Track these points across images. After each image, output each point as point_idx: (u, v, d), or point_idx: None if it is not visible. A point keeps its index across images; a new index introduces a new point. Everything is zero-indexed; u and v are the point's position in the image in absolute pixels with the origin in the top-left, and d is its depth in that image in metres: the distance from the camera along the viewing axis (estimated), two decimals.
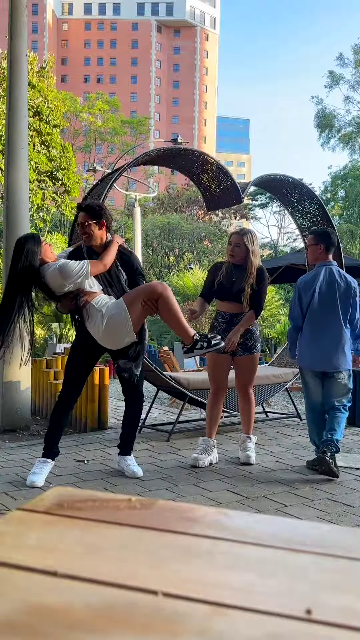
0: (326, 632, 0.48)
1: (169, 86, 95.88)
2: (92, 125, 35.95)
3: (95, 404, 6.06)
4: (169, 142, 21.12)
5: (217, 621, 0.48)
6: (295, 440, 5.66)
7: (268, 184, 7.35)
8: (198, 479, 4.31)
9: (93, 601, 0.51)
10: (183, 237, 29.73)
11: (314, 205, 7.17)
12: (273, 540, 0.64)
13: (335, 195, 32.94)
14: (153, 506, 0.70)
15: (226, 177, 6.50)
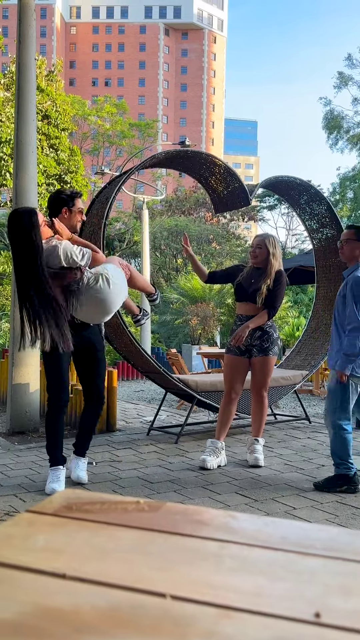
0: (335, 635, 0.48)
1: (176, 89, 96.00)
2: (100, 129, 36.06)
3: (104, 406, 6.06)
4: (176, 145, 21.13)
5: (225, 624, 0.48)
6: (304, 442, 5.64)
7: (276, 186, 7.34)
8: (206, 481, 4.30)
9: (101, 604, 0.51)
10: (191, 240, 29.71)
11: (322, 207, 7.15)
12: (282, 543, 0.64)
13: (344, 197, 32.83)
14: (161, 509, 0.70)
15: (234, 180, 6.50)
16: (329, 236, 7.22)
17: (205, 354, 10.30)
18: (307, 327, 7.49)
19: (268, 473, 4.56)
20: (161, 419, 6.59)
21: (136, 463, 4.82)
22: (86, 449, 4.35)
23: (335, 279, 7.19)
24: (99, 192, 6.29)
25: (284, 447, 5.41)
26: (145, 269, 17.18)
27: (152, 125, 40.55)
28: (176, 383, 5.77)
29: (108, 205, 5.64)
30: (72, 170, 16.17)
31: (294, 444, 5.56)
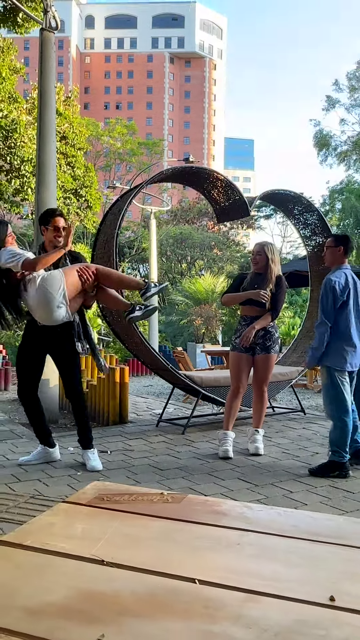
0: (349, 618, 0.48)
1: (180, 111, 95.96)
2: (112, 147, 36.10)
3: (117, 400, 6.07)
4: (181, 161, 21.13)
5: (250, 608, 0.49)
6: (300, 432, 5.63)
7: (273, 198, 7.33)
8: (211, 468, 4.30)
9: (139, 588, 0.52)
10: (194, 246, 29.70)
11: (314, 217, 7.14)
12: (294, 531, 0.65)
13: (333, 208, 32.72)
14: (183, 500, 0.71)
15: (235, 192, 6.49)
16: (321, 243, 7.20)
17: (208, 351, 10.29)
18: (302, 326, 7.47)
19: (267, 460, 4.55)
20: (169, 412, 6.59)
21: (147, 452, 4.81)
22: (88, 440, 4.34)
23: None
24: (112, 204, 6.29)
25: (282, 437, 5.40)
26: (152, 273, 17.19)
27: (159, 144, 40.58)
28: (183, 379, 5.77)
29: (120, 216, 5.65)
30: (87, 185, 16.20)
31: (291, 434, 5.55)
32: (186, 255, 30.04)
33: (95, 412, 6.23)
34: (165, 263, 29.61)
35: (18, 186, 13.52)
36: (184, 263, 30.09)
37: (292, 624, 0.50)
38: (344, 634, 0.46)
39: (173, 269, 30.04)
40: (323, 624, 0.50)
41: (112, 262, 5.53)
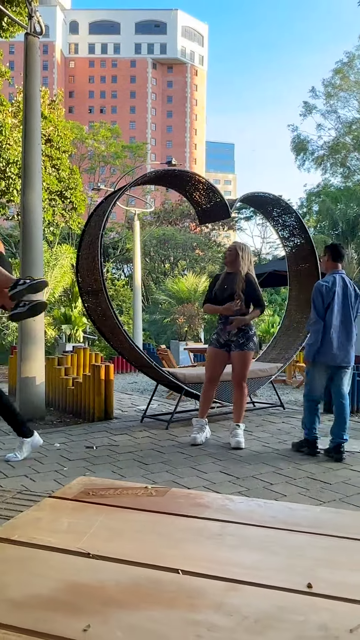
0: (326, 604, 0.49)
1: (163, 115, 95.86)
2: (96, 150, 35.91)
3: (102, 397, 6.05)
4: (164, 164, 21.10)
5: (232, 596, 0.49)
6: (279, 426, 5.67)
7: (253, 200, 7.36)
8: (194, 462, 4.31)
9: (124, 580, 0.52)
10: (177, 247, 29.71)
11: (292, 219, 7.19)
12: (273, 522, 0.65)
13: (310, 210, 33.00)
14: (167, 493, 0.71)
15: (216, 195, 6.51)
16: (299, 244, 7.26)
17: (191, 349, 10.31)
18: (281, 324, 7.52)
19: (248, 453, 4.57)
20: (153, 408, 6.59)
21: (131, 447, 4.81)
22: (20, 432, 4.28)
23: (305, 282, 7.24)
24: (97, 206, 6.26)
25: (262, 431, 5.44)
26: (136, 273, 17.14)
27: (142, 147, 40.46)
28: (166, 376, 5.77)
29: (105, 218, 5.62)
30: (72, 187, 16.10)
31: (270, 428, 5.58)
32: (169, 255, 30.03)
33: (81, 408, 6.20)
34: (148, 263, 29.57)
35: (4, 188, 13.39)
36: (167, 263, 30.07)
37: (271, 610, 0.50)
38: (321, 620, 0.47)
39: (156, 269, 30.01)
40: (301, 610, 0.51)
41: (97, 263, 5.50)
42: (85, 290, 5.89)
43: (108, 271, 25.70)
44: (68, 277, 15.80)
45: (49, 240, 19.96)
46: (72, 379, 6.52)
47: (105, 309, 5.62)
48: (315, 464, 4.26)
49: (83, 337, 15.22)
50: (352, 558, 0.56)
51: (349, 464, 4.25)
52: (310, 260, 7.17)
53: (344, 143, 32.99)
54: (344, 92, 32.49)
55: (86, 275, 5.82)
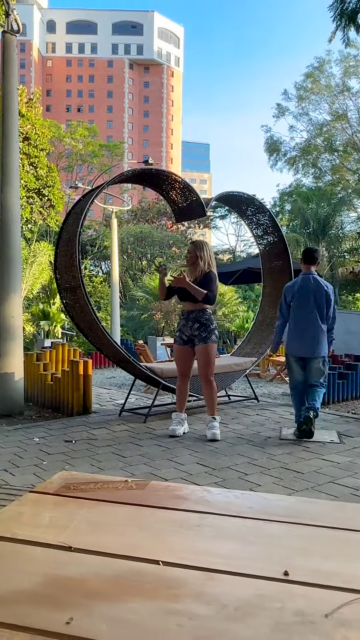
0: (302, 591, 0.50)
1: (140, 115, 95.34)
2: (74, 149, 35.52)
3: (81, 392, 6.01)
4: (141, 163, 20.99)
5: (211, 585, 0.49)
6: (254, 418, 5.72)
7: (227, 200, 7.38)
8: (171, 454, 4.32)
9: (106, 572, 0.51)
10: (154, 244, 29.63)
11: (265, 218, 7.23)
12: (250, 512, 0.66)
13: (282, 209, 33.27)
14: (147, 486, 0.70)
15: (192, 194, 6.50)
16: (272, 242, 7.32)
17: (168, 344, 10.30)
18: (255, 320, 7.57)
19: (223, 445, 4.60)
20: (131, 402, 6.57)
21: (110, 440, 4.79)
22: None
23: (278, 279, 7.30)
24: (75, 204, 6.20)
25: (237, 423, 5.47)
26: (114, 270, 17.04)
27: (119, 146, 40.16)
28: (144, 370, 5.76)
29: (82, 215, 5.57)
30: (50, 185, 15.90)
31: (245, 420, 5.63)
32: (146, 253, 29.94)
33: (59, 403, 6.15)
34: (126, 260, 29.43)
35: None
36: (144, 260, 29.98)
37: (250, 598, 0.51)
38: (297, 606, 0.47)
39: (134, 266, 29.89)
40: (278, 597, 0.52)
41: (75, 260, 5.45)
42: (64, 287, 5.84)
43: (86, 268, 25.50)
44: (46, 274, 15.62)
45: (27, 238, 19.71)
46: (51, 374, 6.46)
47: (84, 306, 5.57)
48: (288, 454, 4.31)
49: (61, 333, 15.08)
50: (326, 546, 0.57)
51: (320, 454, 4.31)
52: (283, 257, 7.23)
53: (315, 145, 33.34)
54: (315, 96, 32.81)
55: (64, 272, 5.77)
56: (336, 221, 29.96)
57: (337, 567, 0.52)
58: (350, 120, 32.00)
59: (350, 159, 32.71)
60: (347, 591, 0.49)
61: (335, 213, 29.47)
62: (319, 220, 28.66)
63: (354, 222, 31.66)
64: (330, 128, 32.75)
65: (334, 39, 8.38)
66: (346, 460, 4.11)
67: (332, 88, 32.19)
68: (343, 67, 31.65)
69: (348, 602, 0.48)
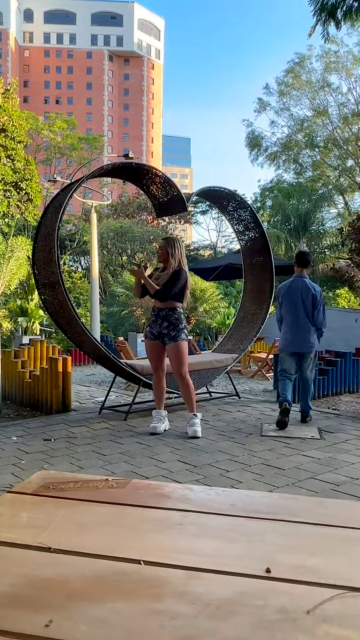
0: (285, 587, 0.50)
1: (120, 108, 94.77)
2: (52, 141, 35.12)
3: (60, 389, 5.97)
4: (121, 157, 20.86)
5: (193, 584, 0.49)
6: (235, 415, 5.75)
7: (209, 195, 7.39)
8: (152, 451, 4.32)
9: (87, 572, 0.51)
10: (134, 240, 29.52)
11: (247, 213, 7.26)
12: (232, 509, 0.66)
13: (264, 205, 33.41)
14: (128, 485, 0.70)
15: (173, 189, 6.49)
16: (253, 238, 7.35)
17: None
18: (237, 316, 7.61)
19: (205, 442, 4.62)
20: (111, 399, 6.56)
21: (90, 438, 4.78)
22: None
23: (259, 275, 7.34)
24: (53, 198, 6.14)
25: (218, 420, 5.50)
26: (94, 266, 16.93)
27: (99, 140, 39.84)
28: (124, 367, 5.75)
29: (61, 210, 5.52)
30: (27, 178, 15.71)
31: (226, 417, 5.66)
32: (126, 248, 29.82)
33: (38, 401, 6.10)
34: (106, 256, 29.28)
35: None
36: (125, 256, 29.86)
37: (232, 596, 0.51)
38: (280, 603, 0.48)
39: (114, 262, 29.76)
40: (261, 595, 0.52)
41: (54, 255, 5.40)
42: (42, 282, 5.78)
43: (65, 263, 25.28)
44: (24, 269, 15.45)
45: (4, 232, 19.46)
46: (29, 371, 6.40)
47: (62, 302, 5.53)
48: (269, 451, 4.35)
49: (40, 330, 14.94)
50: (308, 542, 0.57)
51: (300, 450, 4.35)
52: (264, 253, 7.27)
53: (296, 140, 33.53)
54: (296, 91, 32.98)
55: (43, 268, 5.71)
56: (317, 217, 30.21)
57: (319, 563, 0.52)
58: (331, 116, 32.27)
59: (330, 155, 33.00)
60: (329, 587, 0.50)
61: (316, 209, 29.71)
62: (299, 216, 28.87)
63: (334, 219, 31.98)
64: (311, 124, 32.98)
65: (314, 34, 8.42)
66: (326, 456, 4.16)
67: (312, 84, 32.41)
68: (324, 63, 31.88)
69: (329, 598, 0.49)
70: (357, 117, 31.27)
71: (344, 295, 23.50)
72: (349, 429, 5.09)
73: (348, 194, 33.16)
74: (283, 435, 4.82)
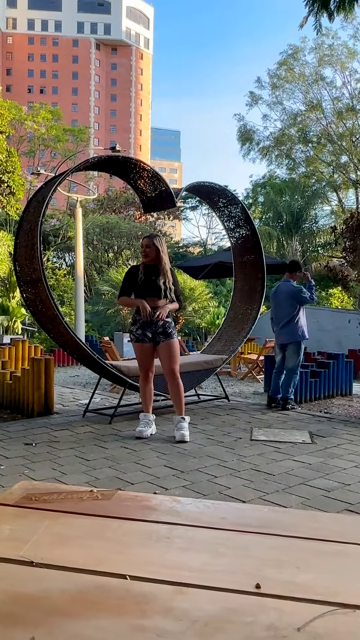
0: (274, 604, 0.50)
1: (107, 99, 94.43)
2: (36, 132, 34.91)
3: (42, 391, 5.94)
4: (107, 150, 20.80)
5: (180, 600, 0.50)
6: (224, 419, 5.77)
7: (198, 190, 7.40)
8: (138, 456, 4.32)
9: (69, 587, 0.51)
10: (121, 236, 29.46)
11: (238, 210, 7.28)
12: (221, 523, 0.66)
13: (255, 201, 33.54)
14: (113, 496, 0.70)
15: (161, 184, 6.49)
16: (244, 235, 7.38)
17: None
18: (226, 316, 7.63)
19: (192, 447, 4.63)
20: (96, 402, 6.54)
21: (73, 443, 4.76)
22: None
23: (250, 274, 7.36)
24: (36, 191, 6.11)
25: (207, 424, 5.51)
26: (78, 263, 16.87)
27: (85, 131, 39.64)
28: (109, 369, 5.73)
29: (45, 204, 5.49)
30: (10, 170, 15.61)
31: (215, 420, 5.67)
32: (113, 244, 29.75)
33: (19, 403, 6.07)
34: (91, 252, 29.18)
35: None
36: (111, 252, 29.80)
37: (220, 613, 0.51)
38: (269, 620, 0.48)
39: (100, 258, 29.67)
40: (250, 611, 0.52)
41: (36, 251, 5.38)
42: (24, 280, 5.75)
43: (48, 260, 25.15)
44: (5, 265, 15.35)
45: None
46: (10, 372, 6.37)
47: (45, 300, 5.50)
48: (259, 455, 4.37)
49: (22, 329, 14.85)
50: (299, 557, 0.58)
51: (291, 455, 4.38)
52: (255, 252, 7.30)
53: (289, 135, 33.69)
54: (289, 84, 33.12)
55: (25, 264, 5.68)
56: (310, 214, 30.39)
57: (310, 579, 0.53)
58: (325, 110, 32.46)
59: (324, 151, 33.20)
60: (320, 603, 0.50)
61: (309, 206, 29.88)
62: (292, 213, 29.01)
63: (327, 216, 32.19)
64: (304, 118, 33.15)
65: (306, 25, 8.44)
66: (318, 461, 4.19)
67: (306, 77, 32.57)
68: (317, 56, 32.05)
69: (320, 615, 0.49)
70: (351, 112, 31.50)
71: (337, 295, 23.67)
72: (341, 433, 5.13)
73: (342, 190, 33.42)
74: (273, 440, 4.85)
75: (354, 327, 11.30)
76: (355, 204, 31.86)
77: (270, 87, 33.72)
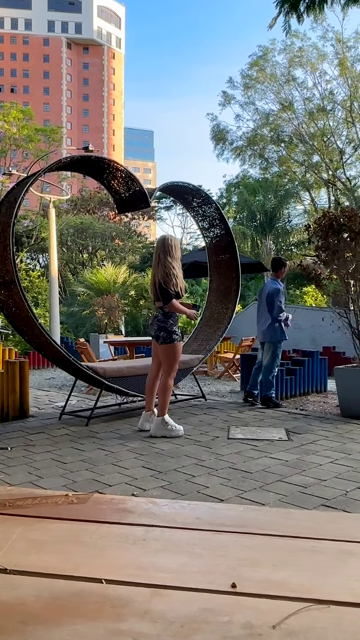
0: (251, 603, 0.51)
1: (79, 98, 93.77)
2: (7, 132, 34.44)
3: (17, 394, 5.87)
4: (80, 150, 20.64)
5: (157, 602, 0.50)
6: (201, 418, 5.78)
7: (172, 190, 7.40)
8: (115, 458, 4.30)
9: (44, 594, 0.50)
10: (95, 236, 29.29)
11: (212, 209, 7.31)
12: (197, 523, 0.66)
13: (229, 201, 33.72)
14: (89, 500, 0.70)
15: (135, 184, 6.47)
16: (219, 235, 7.41)
17: (111, 342, 10.23)
18: (202, 316, 7.65)
19: (170, 447, 4.63)
20: (72, 404, 6.49)
21: (50, 446, 4.71)
22: None
23: (225, 273, 7.40)
24: (8, 192, 6.03)
25: (184, 423, 5.51)
26: (52, 264, 16.71)
27: (57, 131, 39.25)
28: (85, 370, 5.69)
29: (17, 205, 5.42)
30: None
31: (192, 420, 5.68)
32: (87, 245, 29.55)
33: None
34: (65, 253, 28.94)
35: None
36: (85, 253, 29.59)
37: (196, 613, 0.51)
38: (245, 618, 0.48)
39: (74, 259, 29.44)
40: (226, 611, 0.52)
41: (9, 253, 5.31)
42: None
43: (22, 261, 24.85)
44: None
45: None
46: None
47: (19, 302, 5.44)
48: (236, 454, 4.39)
49: None
50: (274, 555, 0.58)
51: (268, 452, 4.41)
52: (230, 251, 7.33)
53: (262, 135, 33.94)
54: (261, 85, 33.37)
55: None
56: (283, 214, 30.67)
57: (286, 576, 0.53)
58: (297, 110, 32.79)
59: (296, 150, 33.55)
60: (295, 600, 0.51)
61: (282, 205, 30.15)
62: (266, 213, 29.24)
63: (300, 215, 32.54)
64: (276, 118, 33.44)
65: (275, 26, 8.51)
66: (294, 458, 4.23)
67: (277, 77, 32.86)
68: (288, 57, 32.37)
69: (295, 612, 0.50)
70: (322, 113, 31.89)
71: (311, 294, 23.94)
72: (317, 430, 5.19)
73: (314, 190, 33.81)
74: (250, 438, 4.88)
75: (328, 325, 11.46)
76: (328, 203, 32.27)
77: (242, 87, 33.94)
